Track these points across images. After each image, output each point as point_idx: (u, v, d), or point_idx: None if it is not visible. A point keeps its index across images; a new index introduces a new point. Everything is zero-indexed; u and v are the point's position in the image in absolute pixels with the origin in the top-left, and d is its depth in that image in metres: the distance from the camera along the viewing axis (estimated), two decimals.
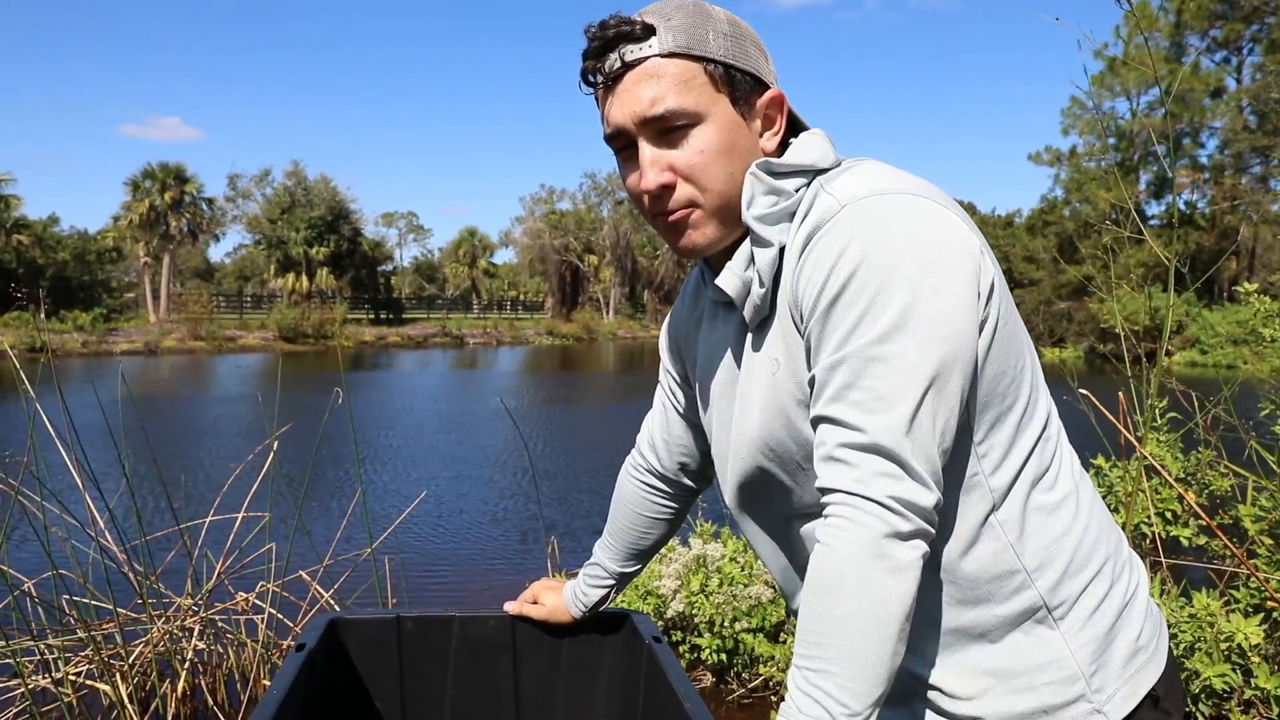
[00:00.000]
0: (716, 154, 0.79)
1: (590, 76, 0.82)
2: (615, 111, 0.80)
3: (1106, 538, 0.83)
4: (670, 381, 1.09)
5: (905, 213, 0.72)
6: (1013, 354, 0.77)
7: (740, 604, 2.87)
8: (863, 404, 0.69)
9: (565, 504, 6.66)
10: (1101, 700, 0.77)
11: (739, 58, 0.80)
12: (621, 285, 47.45)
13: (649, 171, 0.79)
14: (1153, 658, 0.82)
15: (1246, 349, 2.44)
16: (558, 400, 14.88)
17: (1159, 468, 2.04)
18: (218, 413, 12.28)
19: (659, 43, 0.78)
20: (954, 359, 0.70)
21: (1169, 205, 31.01)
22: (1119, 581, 0.82)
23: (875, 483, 0.68)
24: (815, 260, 0.74)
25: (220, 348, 29.67)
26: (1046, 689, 0.78)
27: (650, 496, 1.15)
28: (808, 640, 0.70)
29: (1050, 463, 0.80)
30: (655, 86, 0.78)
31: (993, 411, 0.76)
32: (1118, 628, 0.80)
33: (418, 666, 1.28)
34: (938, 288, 0.70)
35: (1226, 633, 1.77)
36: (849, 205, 0.74)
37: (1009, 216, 41.00)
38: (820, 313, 0.73)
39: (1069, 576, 0.78)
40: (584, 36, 0.81)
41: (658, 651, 1.14)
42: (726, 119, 0.79)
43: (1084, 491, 0.83)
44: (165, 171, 36.63)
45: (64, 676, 2.58)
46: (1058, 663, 0.78)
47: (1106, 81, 29.46)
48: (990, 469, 0.77)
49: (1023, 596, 0.77)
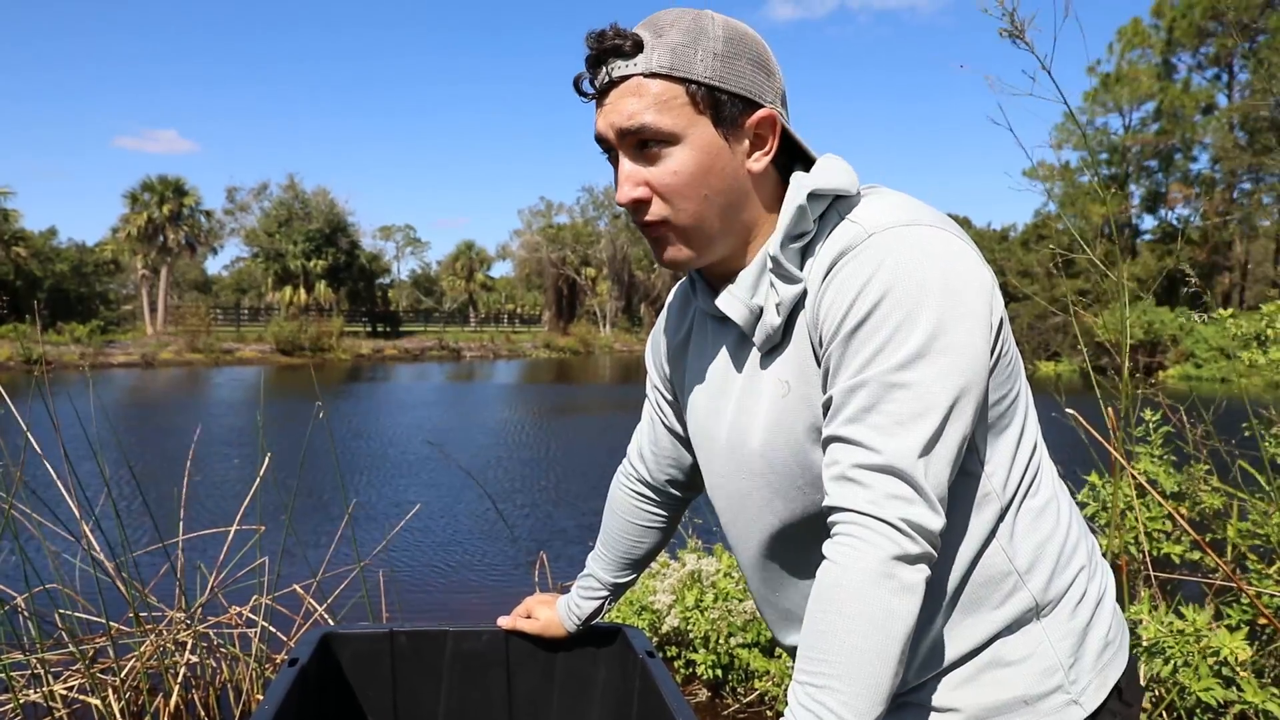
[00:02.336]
0: (692, 175, 0.80)
1: (583, 86, 0.84)
2: (600, 122, 0.83)
3: (1084, 540, 0.88)
4: (657, 395, 1.10)
5: (931, 247, 0.74)
6: (1014, 377, 0.81)
7: (735, 619, 2.86)
8: (881, 427, 0.71)
9: (557, 518, 6.65)
10: (1077, 691, 0.82)
11: (726, 79, 0.80)
12: (618, 298, 47.52)
13: (624, 185, 0.82)
14: (1119, 652, 0.87)
15: (1239, 363, 2.47)
16: (552, 413, 14.86)
17: (1149, 487, 2.05)
18: (212, 425, 12.24)
19: (644, 61, 0.79)
20: (969, 388, 0.73)
21: (1160, 220, 31.27)
22: (1093, 581, 0.87)
23: (888, 504, 0.70)
24: (840, 285, 0.76)
25: (217, 360, 29.60)
26: (1027, 680, 0.81)
27: (641, 505, 1.17)
28: (811, 656, 0.70)
29: (1037, 472, 0.85)
30: (634, 105, 0.79)
31: (996, 429, 0.81)
32: (1092, 624, 0.84)
33: (411, 681, 1.28)
34: (958, 321, 0.72)
35: (1214, 648, 1.78)
36: (876, 234, 0.76)
37: (1004, 230, 41.25)
38: (843, 336, 0.75)
39: (1055, 576, 0.83)
40: (585, 45, 0.83)
41: (651, 666, 1.15)
42: (706, 141, 0.80)
43: (1063, 498, 0.88)
44: (164, 184, 36.68)
45: (55, 691, 2.57)
46: (1039, 655, 0.82)
47: (1100, 97, 29.73)
48: (990, 481, 0.81)
49: (1017, 598, 0.81)
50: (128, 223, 36.65)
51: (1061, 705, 0.81)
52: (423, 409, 15.41)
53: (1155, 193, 31.72)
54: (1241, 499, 2.16)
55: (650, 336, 1.10)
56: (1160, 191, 31.57)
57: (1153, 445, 2.31)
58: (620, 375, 26.34)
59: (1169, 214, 32.08)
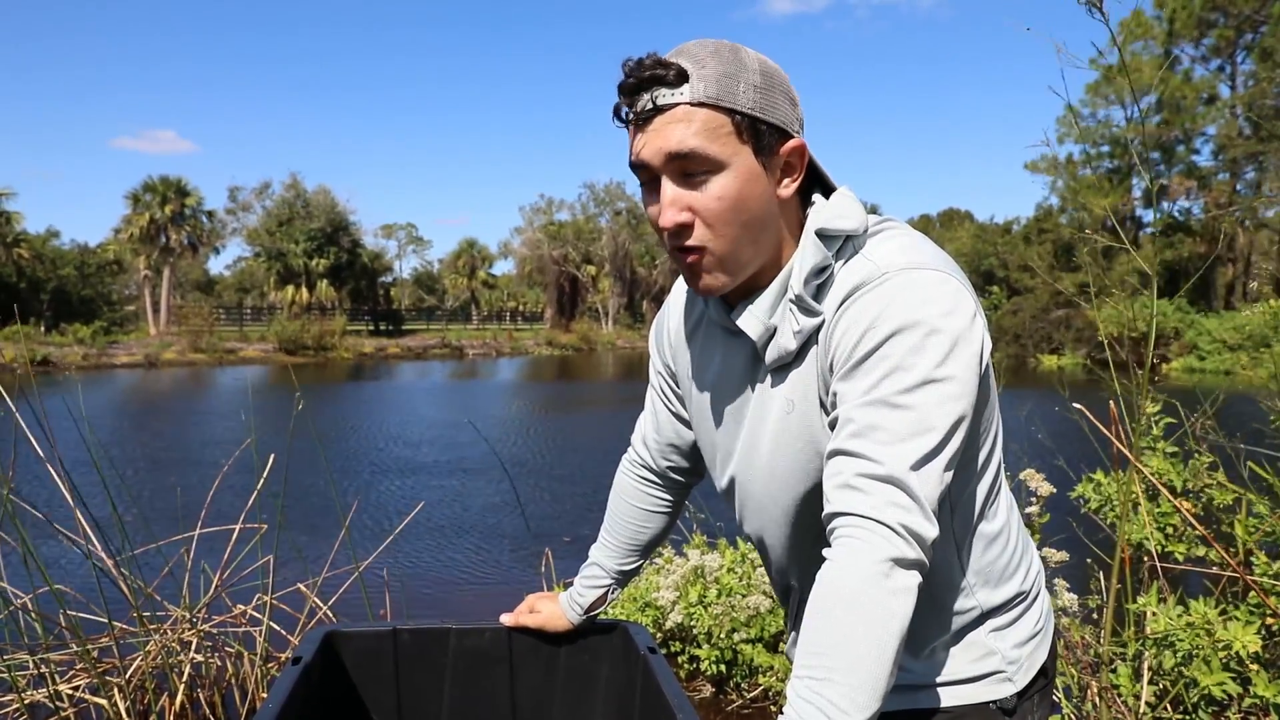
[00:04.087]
0: (734, 202, 0.84)
1: (623, 112, 0.86)
2: (643, 149, 0.85)
3: (1025, 552, 1.01)
4: (661, 383, 1.14)
5: (937, 290, 0.82)
6: (991, 406, 0.91)
7: (739, 614, 2.86)
8: (883, 441, 0.77)
9: (560, 516, 6.65)
10: (1012, 671, 0.96)
11: (766, 110, 0.84)
12: (620, 295, 47.52)
13: (668, 210, 0.84)
14: (1044, 640, 1.01)
15: (1244, 355, 2.44)
16: (554, 410, 14.87)
17: (1160, 485, 2.05)
18: (215, 425, 12.27)
19: (690, 91, 0.82)
20: (963, 416, 0.80)
21: (1162, 213, 31.14)
22: (1027, 583, 1.00)
23: (887, 510, 0.75)
24: (853, 317, 0.83)
25: (220, 360, 29.66)
26: (972, 664, 0.95)
27: (646, 490, 1.21)
28: (811, 651, 0.72)
29: (997, 495, 0.95)
30: (682, 132, 0.82)
31: (970, 456, 0.90)
32: (1023, 619, 0.98)
33: (414, 679, 1.28)
34: (958, 357, 0.80)
35: (1224, 641, 1.77)
36: (890, 274, 0.82)
37: (1007, 224, 41.20)
38: (853, 364, 0.82)
39: (999, 585, 0.96)
40: (621, 71, 0.84)
41: (653, 662, 1.15)
42: (747, 169, 0.84)
43: (1013, 516, 1.00)
44: (166, 185, 36.70)
45: (61, 691, 2.57)
46: (981, 644, 0.96)
47: (1101, 90, 29.63)
48: (959, 500, 0.91)
49: (966, 602, 0.94)
50: (130, 223, 36.70)
51: (997, 682, 0.95)
52: (426, 406, 15.42)
53: (1161, 186, 31.68)
54: (1251, 499, 2.15)
55: (655, 323, 1.13)
56: (1163, 184, 31.51)
57: (1164, 443, 2.29)
58: (623, 372, 26.35)
59: (1171, 206, 31.99)
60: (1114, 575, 1.88)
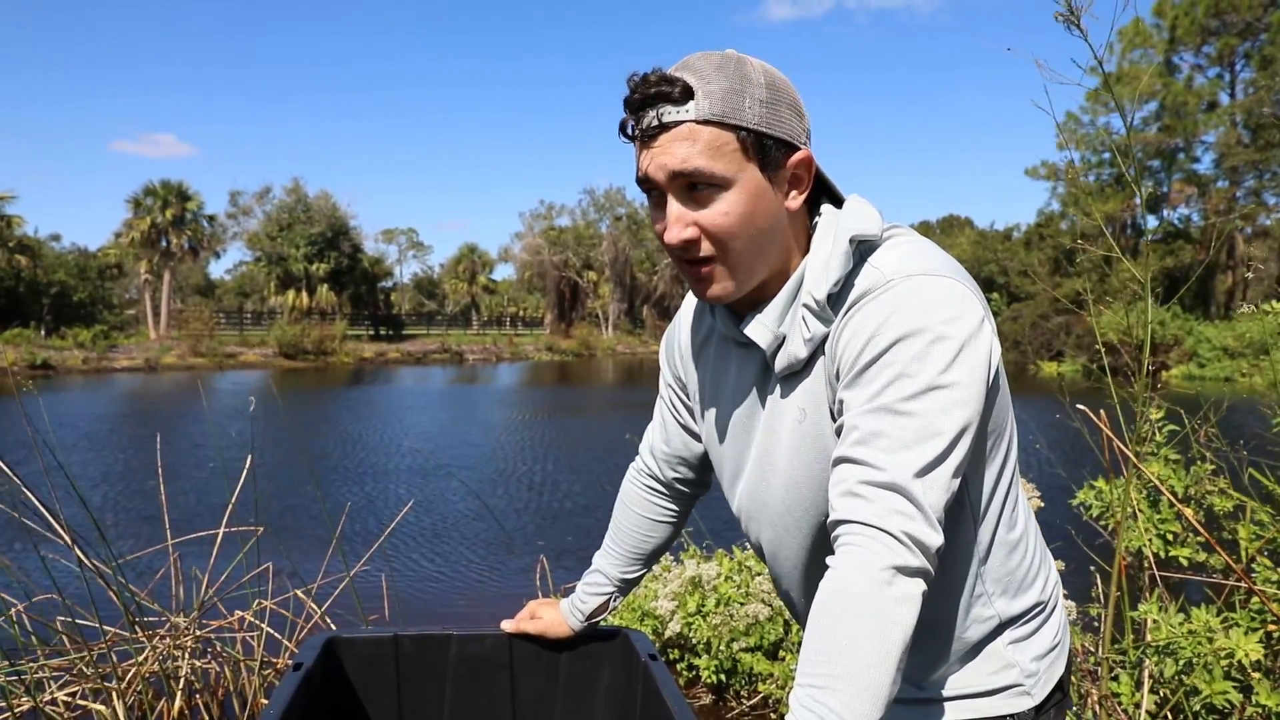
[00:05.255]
0: (740, 217, 0.84)
1: (629, 128, 0.86)
2: (649, 166, 0.85)
3: (1044, 562, 0.99)
4: (670, 395, 1.14)
5: (944, 296, 0.81)
6: (1005, 412, 0.89)
7: (738, 623, 2.85)
8: (887, 449, 0.76)
9: (560, 522, 6.64)
10: (1030, 684, 0.94)
11: (772, 124, 0.83)
12: (620, 301, 47.53)
13: (674, 226, 0.85)
14: (1062, 653, 0.99)
15: (1244, 361, 2.44)
16: (554, 416, 14.87)
17: (1166, 492, 2.04)
18: (214, 430, 12.26)
19: (695, 108, 0.81)
20: (969, 423, 0.79)
21: (1161, 220, 31.20)
22: (1045, 594, 0.98)
23: (891, 518, 0.74)
24: (859, 323, 0.82)
25: (220, 364, 29.66)
26: (991, 677, 0.93)
27: (653, 500, 1.21)
28: (813, 659, 0.72)
29: (1015, 504, 0.94)
30: (688, 150, 0.82)
31: (985, 464, 0.88)
32: (1042, 632, 0.96)
33: (415, 685, 1.28)
34: (964, 361, 0.79)
35: (1226, 649, 1.76)
36: (895, 280, 0.82)
37: (1008, 230, 41.29)
38: (858, 370, 0.81)
39: (1018, 596, 0.94)
40: (626, 85, 0.84)
41: (653, 669, 1.15)
42: (753, 185, 0.84)
43: (1030, 525, 0.98)
44: (166, 189, 36.75)
45: (59, 698, 2.56)
46: (1000, 657, 0.94)
47: (1101, 97, 29.68)
48: (975, 510, 0.89)
49: (986, 613, 0.92)
50: (131, 227, 36.74)
51: (1016, 695, 0.93)
52: (426, 412, 15.41)
53: (1160, 194, 31.71)
54: (1254, 506, 2.14)
55: (665, 336, 1.13)
56: (1163, 191, 31.56)
57: (1166, 449, 2.29)
58: (623, 378, 26.34)
59: (1171, 214, 32.03)
60: (1114, 582, 1.87)
